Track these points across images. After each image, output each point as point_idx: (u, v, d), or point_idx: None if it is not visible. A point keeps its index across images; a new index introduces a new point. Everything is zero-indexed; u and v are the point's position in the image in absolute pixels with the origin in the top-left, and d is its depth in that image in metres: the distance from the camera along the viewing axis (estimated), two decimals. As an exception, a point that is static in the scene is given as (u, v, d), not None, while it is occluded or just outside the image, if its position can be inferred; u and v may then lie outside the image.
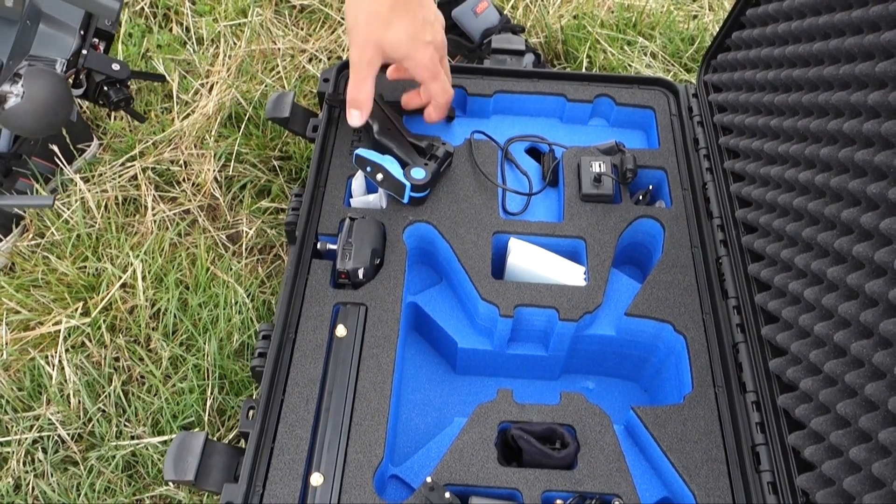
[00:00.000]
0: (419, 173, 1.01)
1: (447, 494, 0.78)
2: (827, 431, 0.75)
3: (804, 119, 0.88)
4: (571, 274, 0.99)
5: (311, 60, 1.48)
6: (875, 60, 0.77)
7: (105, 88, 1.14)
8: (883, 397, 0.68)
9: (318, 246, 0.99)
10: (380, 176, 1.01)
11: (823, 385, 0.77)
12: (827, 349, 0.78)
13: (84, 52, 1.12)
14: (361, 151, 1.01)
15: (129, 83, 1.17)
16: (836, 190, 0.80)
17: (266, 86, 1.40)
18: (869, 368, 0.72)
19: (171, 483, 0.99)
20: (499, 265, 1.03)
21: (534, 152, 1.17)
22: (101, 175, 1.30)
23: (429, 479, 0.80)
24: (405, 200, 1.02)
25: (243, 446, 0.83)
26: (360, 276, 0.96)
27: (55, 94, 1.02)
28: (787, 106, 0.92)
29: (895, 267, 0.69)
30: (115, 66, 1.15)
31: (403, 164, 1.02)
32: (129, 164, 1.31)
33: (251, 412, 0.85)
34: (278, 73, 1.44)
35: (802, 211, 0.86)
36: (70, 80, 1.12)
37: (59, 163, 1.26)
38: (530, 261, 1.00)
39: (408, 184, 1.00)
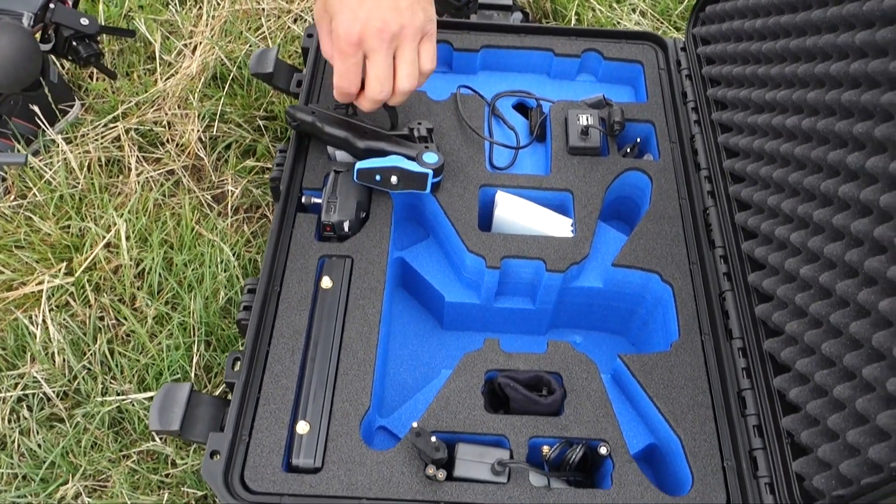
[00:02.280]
0: (431, 157, 0.96)
1: (433, 439, 0.77)
2: (812, 372, 0.75)
3: (791, 64, 0.88)
4: (558, 226, 0.99)
5: (296, 21, 1.45)
6: (863, 1, 0.76)
7: (74, 44, 1.12)
8: (867, 335, 0.68)
9: (303, 200, 0.98)
10: (394, 179, 0.95)
11: (809, 327, 0.77)
12: (812, 291, 0.78)
13: (52, 5, 1.10)
14: (361, 164, 0.95)
15: (98, 38, 1.14)
16: (822, 133, 0.80)
17: (250, 45, 1.38)
18: (854, 308, 0.72)
19: (156, 435, 0.98)
20: (486, 219, 1.02)
21: (521, 108, 1.16)
22: (83, 136, 1.28)
23: (415, 425, 0.80)
24: (428, 190, 0.97)
25: (229, 399, 0.82)
26: (346, 228, 0.95)
27: (22, 48, 1.00)
28: (774, 53, 0.92)
29: (881, 205, 0.69)
30: (84, 21, 1.12)
31: (406, 158, 0.96)
32: (111, 125, 1.29)
33: (237, 363, 0.85)
34: (263, 33, 1.42)
35: (789, 156, 0.85)
36: (38, 35, 1.10)
37: (41, 124, 1.24)
38: (517, 213, 1.00)
39: (429, 171, 0.95)
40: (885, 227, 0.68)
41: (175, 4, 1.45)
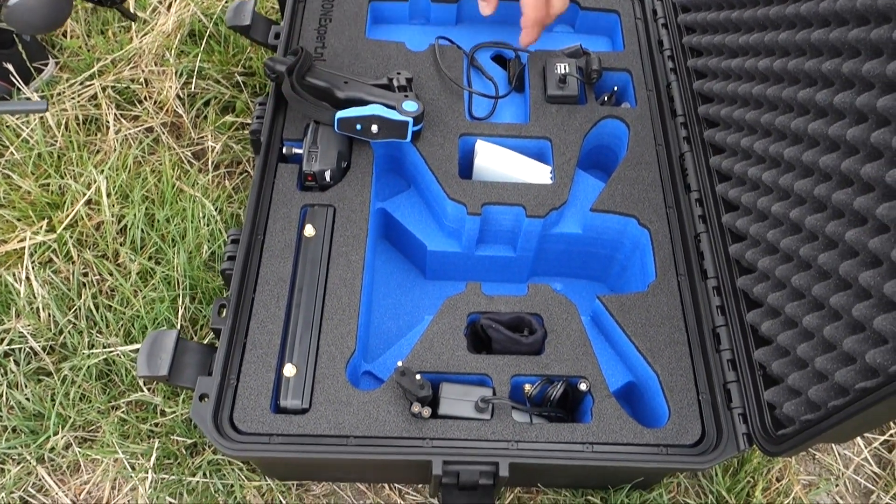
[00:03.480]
0: (411, 105, 0.97)
1: (418, 377, 0.79)
2: (782, 305, 0.78)
3: (764, 7, 0.89)
4: (538, 173, 1.00)
5: (272, -24, 1.44)
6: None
7: None
8: (834, 265, 0.71)
9: (284, 151, 0.99)
10: (375, 127, 0.95)
11: (780, 262, 0.80)
12: (784, 228, 0.80)
13: None
14: (342, 114, 0.95)
15: None
16: (793, 73, 0.81)
17: (227, 1, 1.37)
18: (823, 240, 0.74)
19: (143, 382, 1.00)
20: (466, 168, 1.03)
21: (499, 59, 1.17)
22: (59, 94, 1.27)
23: (400, 364, 0.81)
24: (409, 139, 0.98)
25: (216, 346, 0.84)
26: (327, 177, 0.96)
27: None
28: (748, -3, 0.93)
29: (848, 139, 0.71)
30: None
31: (386, 107, 0.96)
32: (87, 82, 1.28)
33: (223, 310, 0.86)
34: (238, -11, 1.40)
35: (761, 97, 0.87)
36: None
37: (16, 82, 1.22)
38: (497, 162, 1.01)
39: (409, 119, 0.96)
40: (852, 160, 0.70)
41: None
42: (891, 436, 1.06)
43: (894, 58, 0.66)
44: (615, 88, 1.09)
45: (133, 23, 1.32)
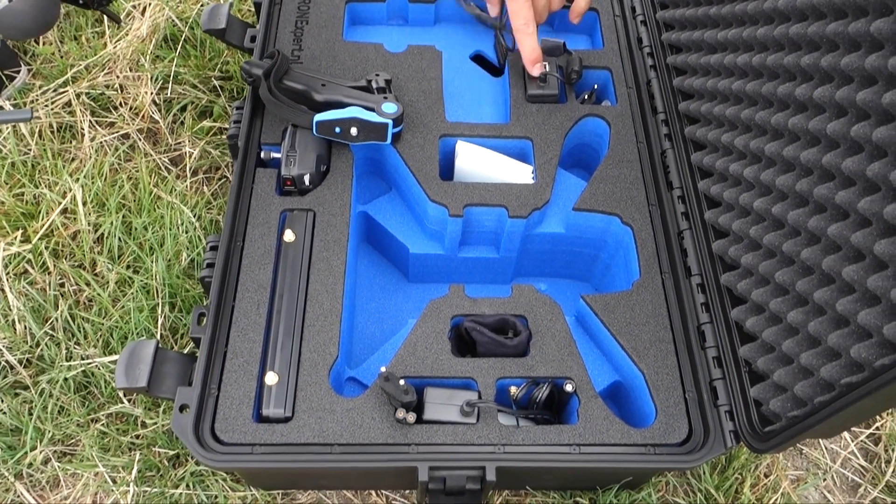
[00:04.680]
0: (391, 107, 0.95)
1: (402, 382, 0.78)
2: (767, 301, 0.77)
3: (742, 3, 0.89)
4: (519, 173, 0.99)
5: (247, -21, 1.42)
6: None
7: None
8: (818, 260, 0.71)
9: (262, 155, 0.98)
10: (354, 130, 0.94)
11: (763, 258, 0.79)
12: (766, 223, 0.80)
13: None
14: (320, 117, 0.93)
15: None
16: (772, 68, 0.81)
17: (202, 5, 1.35)
18: (805, 236, 0.74)
19: (123, 394, 0.98)
20: (447, 169, 1.02)
21: (479, 59, 1.16)
22: (33, 102, 1.24)
23: (383, 369, 0.80)
24: (389, 140, 0.96)
25: (196, 355, 0.82)
26: (306, 181, 0.94)
27: None
28: (725, -7, 0.93)
29: (828, 134, 0.71)
30: None
31: (365, 109, 0.95)
32: (61, 89, 1.26)
33: (202, 318, 0.84)
34: (214, -8, 1.39)
35: (741, 93, 0.87)
36: None
37: (-13, 90, 1.20)
38: (478, 162, 1.00)
39: (389, 121, 0.94)
40: (832, 154, 0.70)
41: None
42: (877, 429, 1.06)
43: (872, 51, 0.66)
44: (595, 86, 1.08)
45: (118, 25, 1.29)
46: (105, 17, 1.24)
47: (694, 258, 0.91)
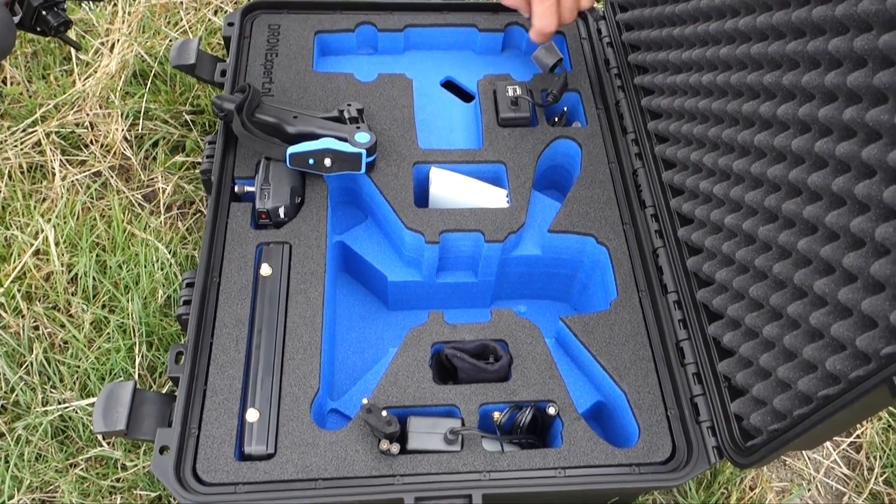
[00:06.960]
0: (363, 137, 0.95)
1: (384, 414, 0.78)
2: (742, 316, 0.78)
3: (704, 23, 0.90)
4: (494, 197, 1.00)
5: (216, 13, 1.43)
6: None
7: (43, 13, 1.06)
8: (789, 274, 0.72)
9: (236, 189, 0.97)
10: (328, 161, 0.94)
11: (737, 273, 0.80)
12: (738, 239, 0.81)
13: None
14: (293, 149, 0.93)
15: (65, 5, 1.09)
16: (736, 86, 0.83)
17: (171, 40, 1.35)
18: (776, 250, 0.75)
19: (102, 437, 0.96)
20: (422, 196, 1.03)
21: (450, 86, 1.17)
22: (1, 143, 1.23)
23: (365, 401, 0.80)
24: (363, 170, 0.97)
25: (175, 394, 0.81)
26: (281, 214, 0.94)
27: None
28: (688, 14, 0.94)
29: (793, 150, 0.72)
30: None
31: (338, 139, 0.95)
32: (30, 129, 1.25)
33: (180, 357, 0.83)
34: (182, 27, 1.39)
35: (707, 111, 0.88)
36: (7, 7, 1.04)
37: (-46, 133, 1.19)
38: (452, 188, 1.00)
39: (363, 151, 0.95)
40: (798, 170, 0.71)
41: (88, 2, 1.40)
42: (857, 437, 1.07)
43: (831, 69, 0.68)
44: (565, 109, 1.10)
45: (77, 51, 1.28)
46: (70, 47, 1.23)
47: (669, 275, 0.91)
